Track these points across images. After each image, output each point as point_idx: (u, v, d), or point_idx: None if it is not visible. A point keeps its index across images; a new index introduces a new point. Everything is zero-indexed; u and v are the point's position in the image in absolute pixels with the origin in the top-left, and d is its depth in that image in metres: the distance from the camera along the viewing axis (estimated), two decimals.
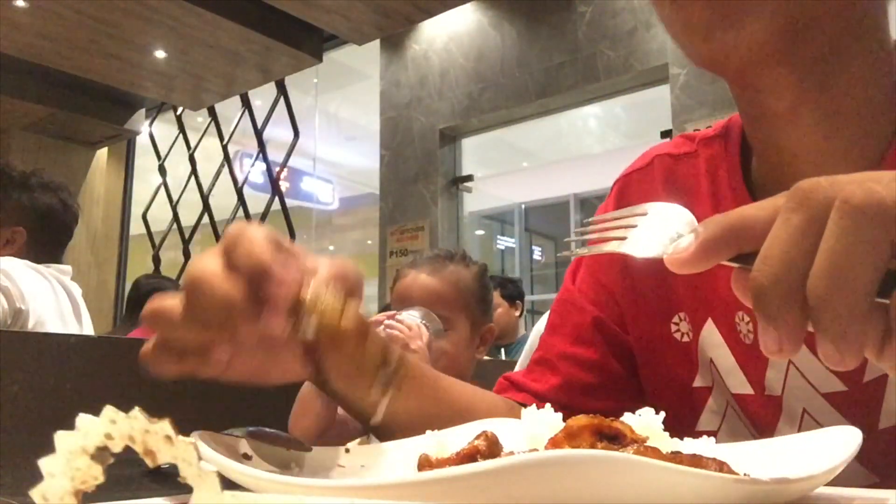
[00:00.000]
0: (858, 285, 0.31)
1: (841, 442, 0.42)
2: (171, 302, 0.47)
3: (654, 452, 0.37)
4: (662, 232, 0.40)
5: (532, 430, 0.48)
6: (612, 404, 0.73)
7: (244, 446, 0.47)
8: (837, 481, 0.39)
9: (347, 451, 0.54)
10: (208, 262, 0.47)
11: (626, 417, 0.47)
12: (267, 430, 0.49)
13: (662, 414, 0.48)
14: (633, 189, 0.79)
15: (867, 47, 0.60)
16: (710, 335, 0.70)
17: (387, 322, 1.49)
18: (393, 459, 0.53)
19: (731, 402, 0.70)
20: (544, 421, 0.48)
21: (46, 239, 2.18)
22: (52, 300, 2.05)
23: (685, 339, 0.74)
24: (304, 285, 0.49)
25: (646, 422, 0.47)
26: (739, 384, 0.68)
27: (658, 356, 0.76)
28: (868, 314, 0.31)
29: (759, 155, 0.68)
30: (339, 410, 1.60)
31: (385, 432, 0.60)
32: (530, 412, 0.50)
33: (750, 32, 0.55)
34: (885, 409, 0.61)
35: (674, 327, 0.74)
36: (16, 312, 1.89)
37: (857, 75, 0.60)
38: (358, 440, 1.26)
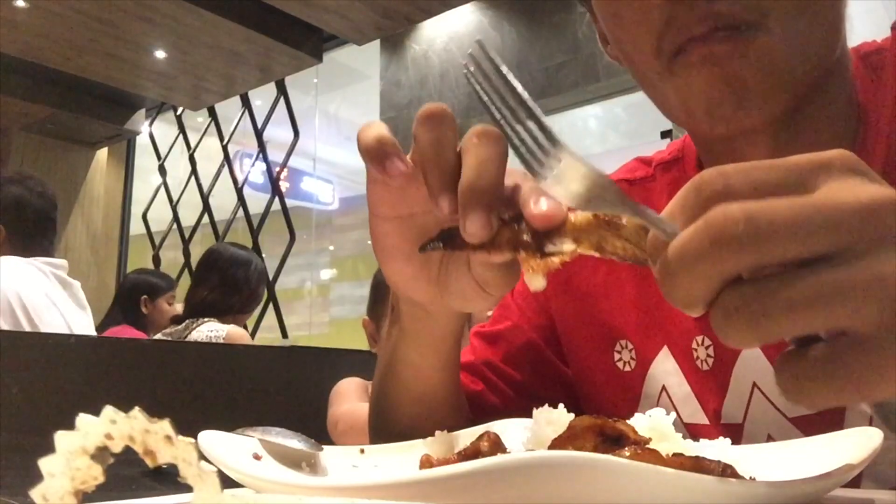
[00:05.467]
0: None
1: (859, 445, 0.42)
2: None
3: (653, 455, 0.37)
4: None
5: (540, 430, 0.48)
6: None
7: (255, 446, 0.47)
8: None
9: (362, 451, 0.54)
10: None
11: (637, 418, 0.47)
12: (278, 429, 0.49)
13: (673, 415, 0.48)
14: None
15: (834, 85, 0.62)
16: (664, 363, 0.70)
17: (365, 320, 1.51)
18: (407, 460, 0.53)
19: (683, 433, 0.70)
20: (554, 421, 0.48)
21: (26, 231, 2.15)
22: (42, 291, 2.04)
23: (627, 368, 0.72)
24: None
25: (656, 423, 0.47)
26: (693, 413, 0.68)
27: (598, 387, 0.74)
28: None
29: None
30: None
31: None
32: (542, 412, 0.49)
33: (757, 115, 0.56)
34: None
35: (616, 356, 0.73)
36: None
37: (824, 112, 0.62)
38: None
